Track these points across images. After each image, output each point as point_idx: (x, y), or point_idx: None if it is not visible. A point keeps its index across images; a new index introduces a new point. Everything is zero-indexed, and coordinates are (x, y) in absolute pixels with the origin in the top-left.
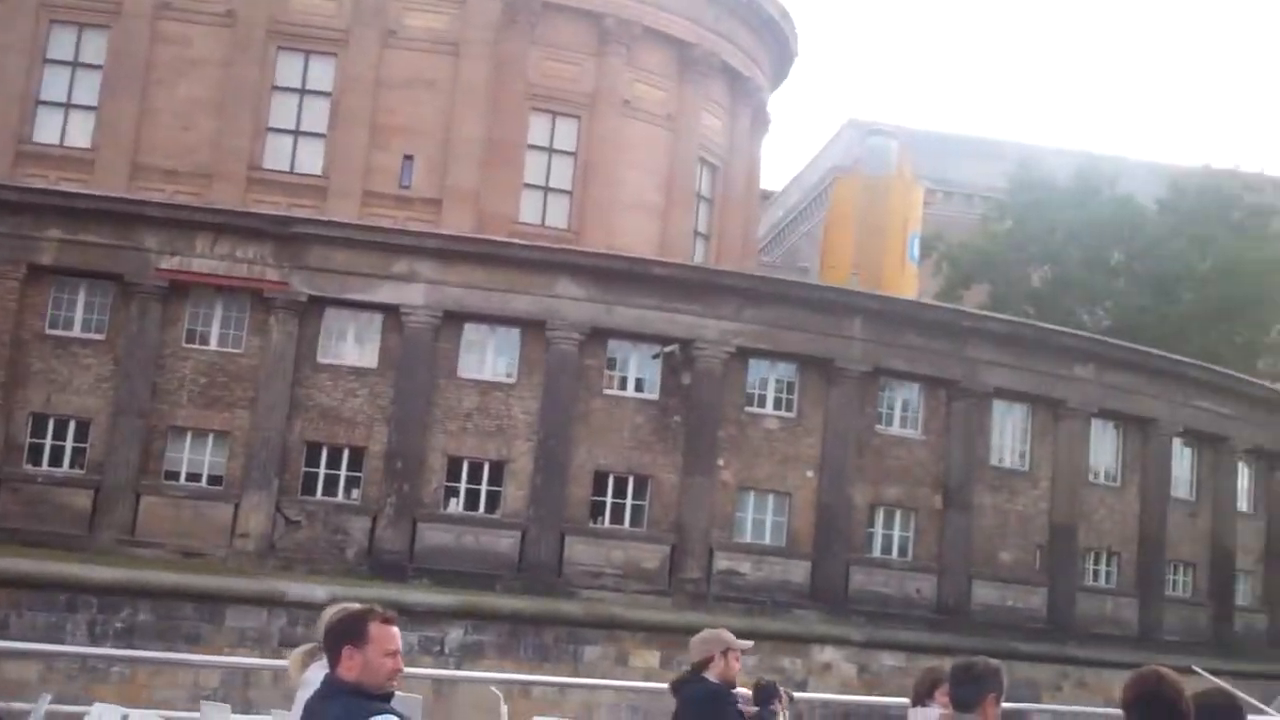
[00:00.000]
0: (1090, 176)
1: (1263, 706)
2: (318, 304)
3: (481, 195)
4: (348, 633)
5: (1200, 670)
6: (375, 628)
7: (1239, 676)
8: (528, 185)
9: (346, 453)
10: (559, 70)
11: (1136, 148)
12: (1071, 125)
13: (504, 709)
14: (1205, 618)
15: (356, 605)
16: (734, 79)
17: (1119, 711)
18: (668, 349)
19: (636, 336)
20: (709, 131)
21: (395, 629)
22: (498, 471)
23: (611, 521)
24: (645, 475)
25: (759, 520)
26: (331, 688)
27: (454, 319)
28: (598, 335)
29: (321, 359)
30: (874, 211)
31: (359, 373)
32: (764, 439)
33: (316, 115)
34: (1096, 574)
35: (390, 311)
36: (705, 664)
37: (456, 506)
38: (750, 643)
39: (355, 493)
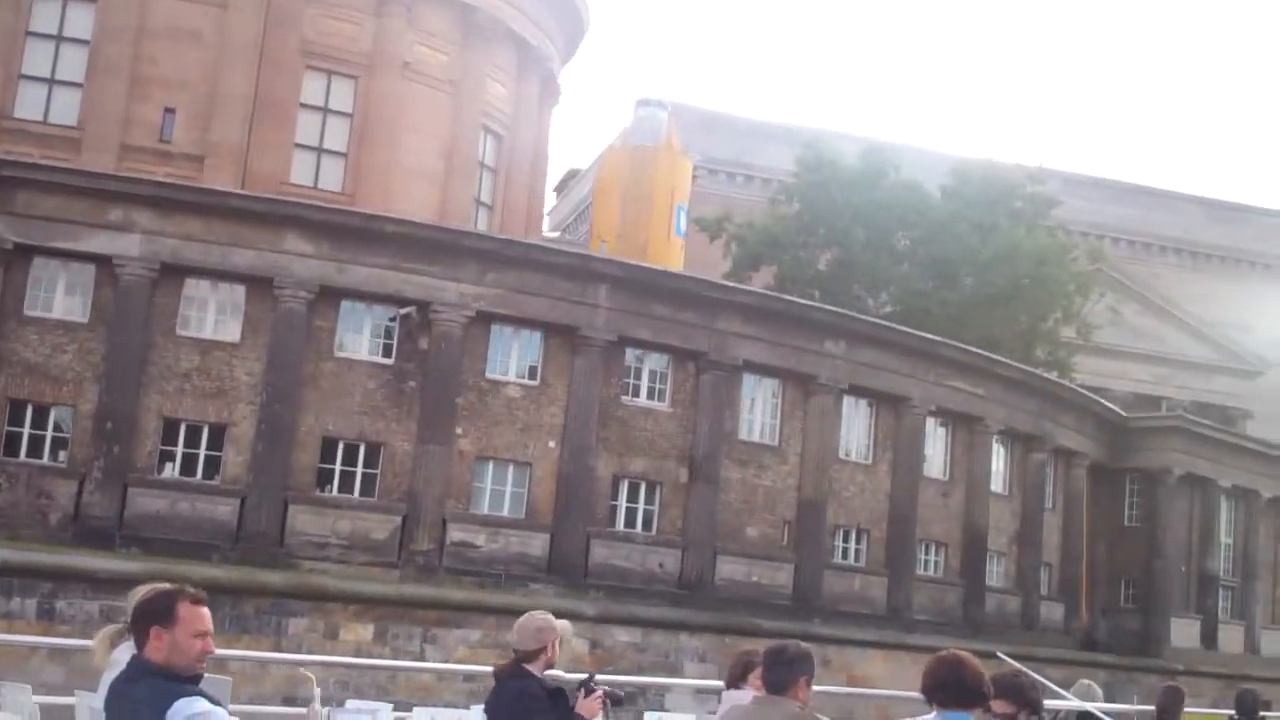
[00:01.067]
0: (876, 161)
1: (1061, 691)
2: (24, 252)
3: (250, 154)
4: (155, 613)
5: (1003, 655)
6: (184, 608)
7: (989, 658)
8: (300, 146)
9: (53, 412)
10: (337, 28)
11: (922, 136)
12: (860, 112)
13: None
14: (956, 598)
15: (166, 585)
16: (521, 47)
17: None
18: (404, 311)
19: (370, 297)
20: (494, 99)
21: (205, 610)
22: (217, 435)
23: (340, 491)
24: (377, 443)
25: (498, 491)
26: (138, 669)
27: (172, 272)
28: (329, 295)
29: (28, 311)
30: (640, 182)
31: (68, 327)
32: (505, 407)
33: (74, 64)
34: (845, 551)
35: (103, 263)
36: (535, 654)
37: (172, 471)
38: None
39: (62, 455)
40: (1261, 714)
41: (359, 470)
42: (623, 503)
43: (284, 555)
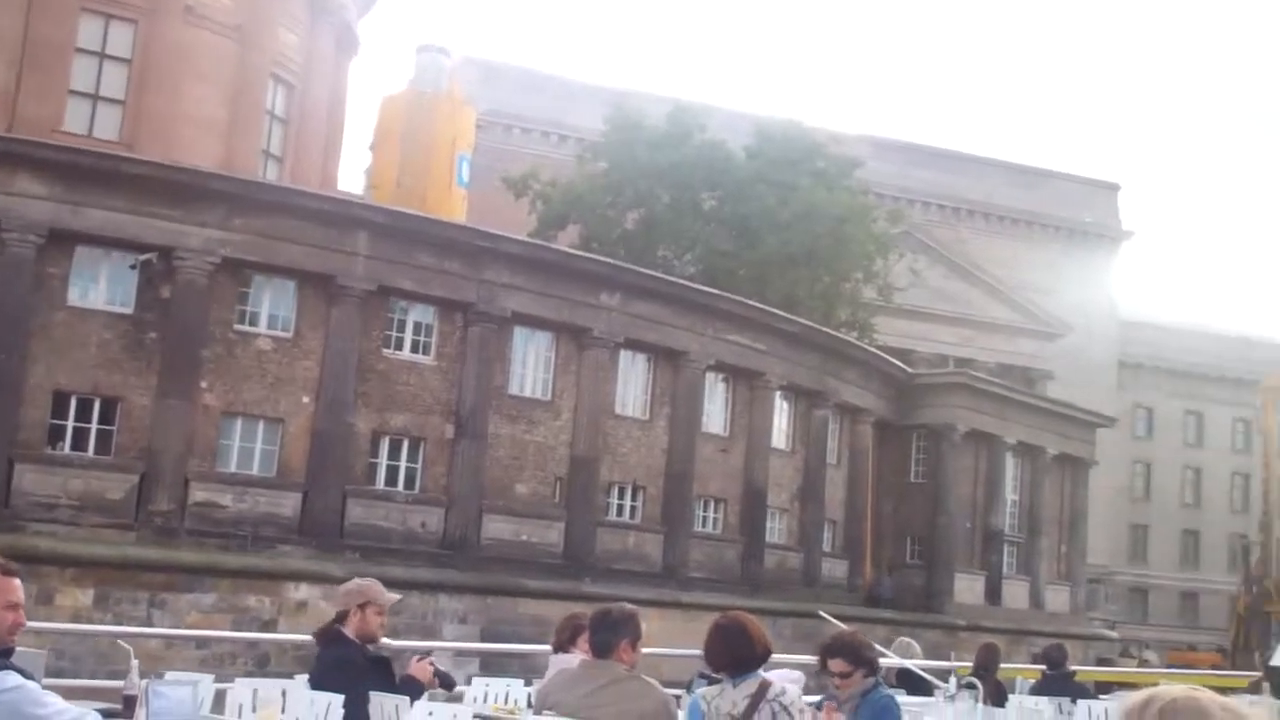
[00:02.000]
0: (683, 122)
1: (881, 649)
2: None
3: (19, 99)
4: None
5: (826, 615)
6: None
7: (769, 614)
8: (75, 93)
9: None
10: None
11: (729, 98)
12: (667, 73)
13: None
14: (735, 555)
15: None
16: None
17: None
18: (144, 258)
19: (108, 243)
20: (285, 48)
21: (17, 580)
22: None
23: (73, 448)
24: (114, 397)
25: (246, 449)
26: None
27: None
28: (61, 239)
29: None
30: (420, 130)
31: None
32: (255, 360)
33: None
34: (621, 509)
35: None
36: (343, 617)
37: None
38: (398, 596)
39: None
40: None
41: (93, 427)
42: (383, 460)
43: (9, 517)
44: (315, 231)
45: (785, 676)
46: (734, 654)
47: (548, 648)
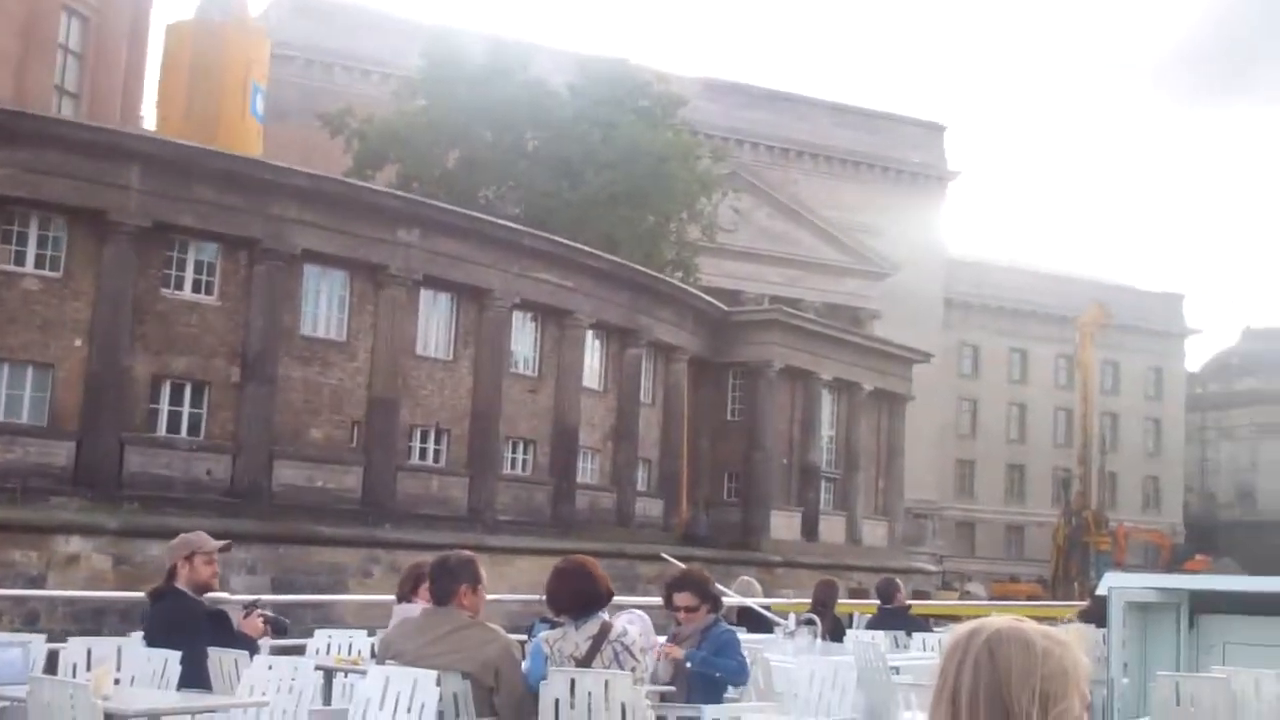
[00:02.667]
0: (504, 58)
1: (722, 588)
2: None
3: None
4: None
5: (666, 556)
6: None
7: (652, 560)
8: None
9: None
10: None
11: (552, 36)
12: (488, 9)
13: None
14: (545, 496)
15: None
16: None
17: None
18: None
19: None
20: None
21: None
22: None
23: None
24: None
25: (14, 396)
26: None
27: None
28: None
29: None
30: (209, 58)
31: None
32: (21, 302)
33: None
34: (423, 452)
35: None
36: (173, 573)
37: None
38: (222, 543)
39: None
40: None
41: None
42: (164, 406)
43: None
44: (84, 165)
45: (629, 616)
46: (576, 597)
47: (342, 597)
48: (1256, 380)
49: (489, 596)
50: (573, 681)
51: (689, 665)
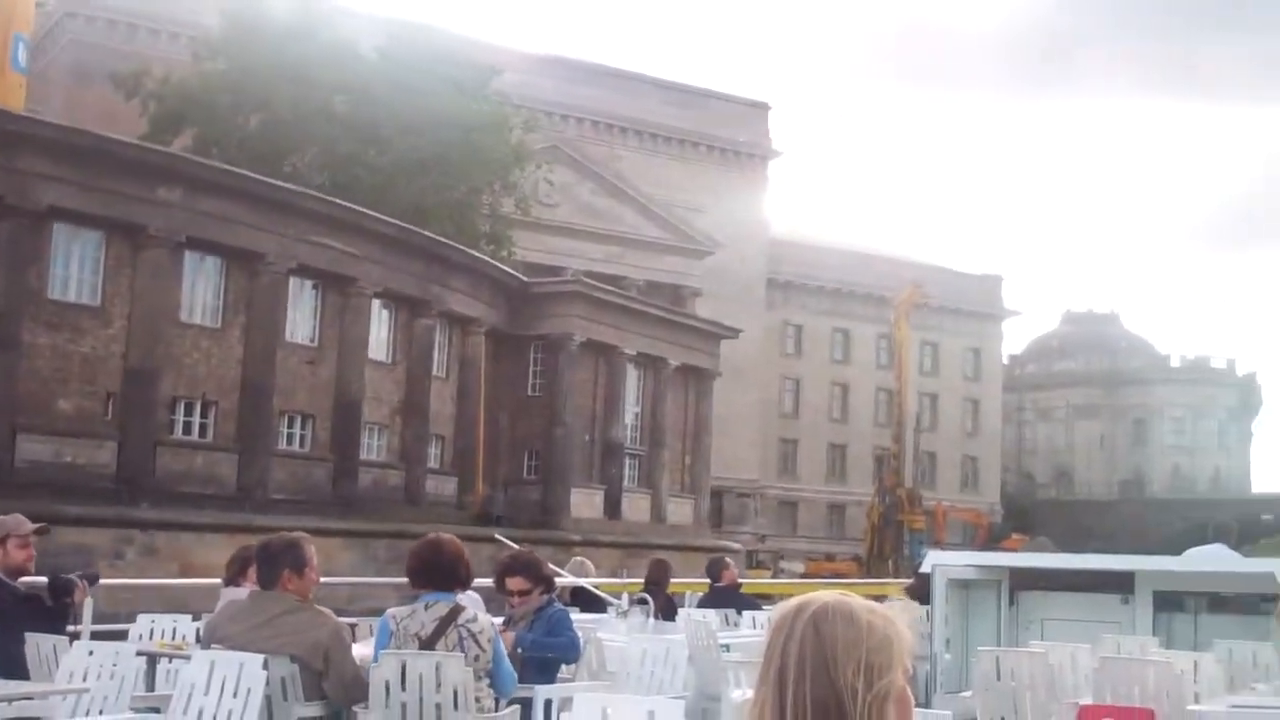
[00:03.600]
0: (306, 18)
1: (556, 569)
2: None
3: None
4: None
5: (501, 537)
6: None
7: (360, 536)
8: None
9: None
10: None
11: None
12: None
13: None
14: (325, 474)
15: None
16: None
17: None
18: None
19: None
20: None
21: None
22: None
23: None
24: None
25: None
26: None
27: None
28: None
29: None
30: None
31: None
32: None
33: None
34: (188, 426)
35: None
36: None
37: None
38: (37, 526)
39: None
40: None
41: None
42: None
43: None
44: None
45: (464, 598)
46: (431, 575)
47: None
48: (1074, 363)
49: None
50: (404, 664)
51: (520, 650)
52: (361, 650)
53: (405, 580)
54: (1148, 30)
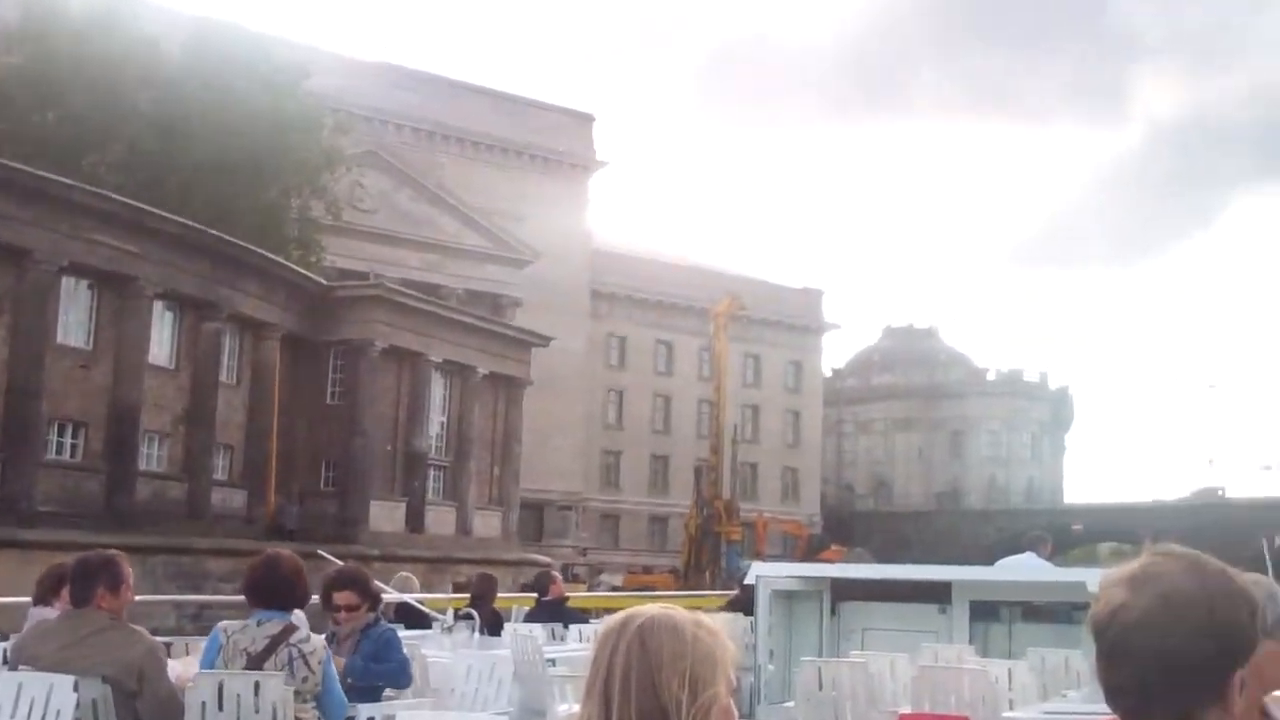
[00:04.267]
0: (108, 14)
1: (381, 585)
2: None
3: None
4: None
5: (324, 554)
6: None
7: (137, 551)
8: None
9: None
10: None
11: None
12: None
13: None
14: (98, 485)
15: None
16: None
17: None
18: None
19: None
20: None
21: None
22: None
23: None
24: None
25: None
26: None
27: None
28: None
29: None
30: None
31: None
32: None
33: None
34: None
35: None
36: None
37: None
38: None
39: None
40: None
41: None
42: None
43: None
44: None
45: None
46: (267, 593)
47: None
48: (893, 376)
49: (17, 599)
50: (221, 684)
51: (350, 680)
52: (178, 669)
53: (185, 597)
54: (969, 52)
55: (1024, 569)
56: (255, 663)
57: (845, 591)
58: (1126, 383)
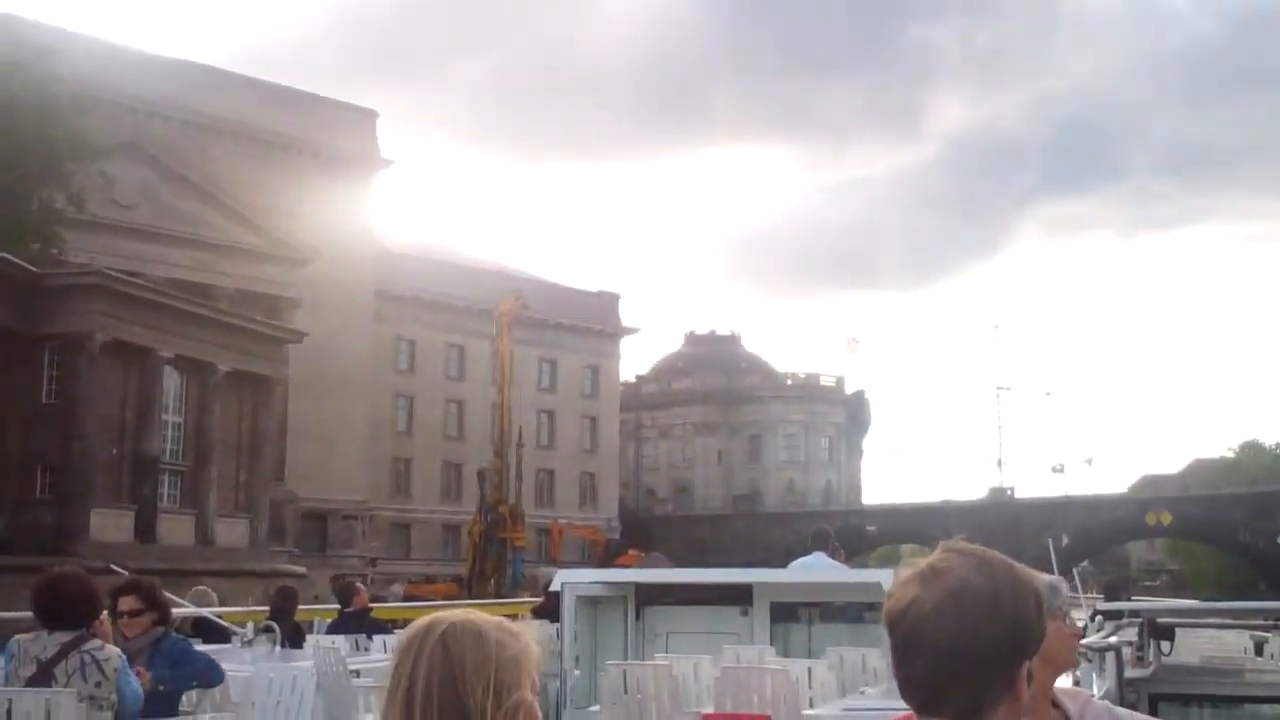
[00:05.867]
0: None
1: (176, 598)
2: None
3: None
4: None
5: (116, 567)
6: None
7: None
8: None
9: None
10: None
11: None
12: None
13: None
14: None
15: None
16: None
17: None
18: None
19: None
20: None
21: None
22: None
23: None
24: None
25: None
26: None
27: None
28: None
29: None
30: None
31: None
32: None
33: None
34: None
35: None
36: None
37: None
38: None
39: None
40: None
41: None
42: None
43: None
44: None
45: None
46: (54, 615)
47: None
48: (693, 381)
49: None
50: (10, 703)
51: (161, 688)
52: None
53: None
54: (769, 69)
55: (819, 570)
56: (46, 668)
57: (649, 596)
58: (923, 388)
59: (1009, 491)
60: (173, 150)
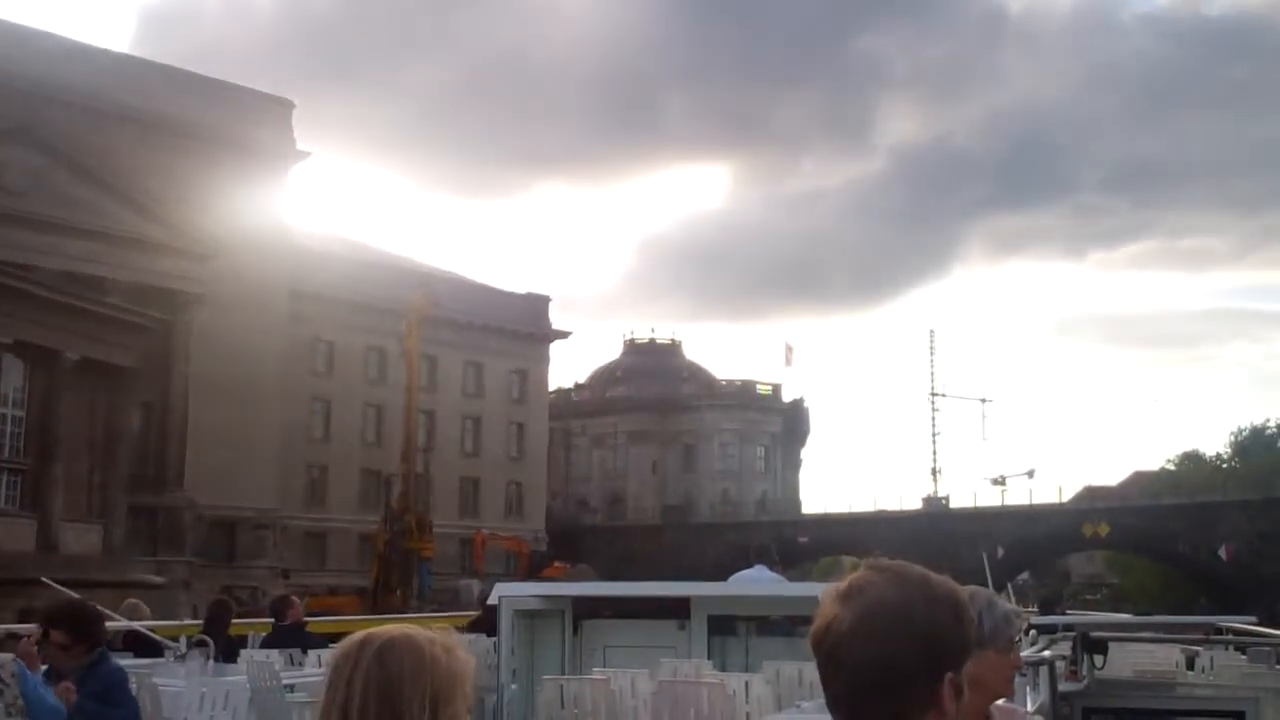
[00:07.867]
0: None
1: (109, 612)
2: None
3: None
4: None
5: (49, 581)
6: None
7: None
8: None
9: None
10: None
11: None
12: None
13: None
14: None
15: None
16: None
17: None
18: None
19: None
20: None
21: None
22: None
23: None
24: None
25: None
26: None
27: None
28: None
29: None
30: None
31: None
32: None
33: None
34: None
35: None
36: None
37: None
38: None
39: None
40: None
41: None
42: None
43: None
44: None
45: None
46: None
47: None
48: (627, 389)
49: None
50: None
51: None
52: None
53: None
54: (720, 80)
55: (758, 583)
56: None
57: (587, 609)
58: (867, 399)
59: (944, 501)
60: (73, 137)
